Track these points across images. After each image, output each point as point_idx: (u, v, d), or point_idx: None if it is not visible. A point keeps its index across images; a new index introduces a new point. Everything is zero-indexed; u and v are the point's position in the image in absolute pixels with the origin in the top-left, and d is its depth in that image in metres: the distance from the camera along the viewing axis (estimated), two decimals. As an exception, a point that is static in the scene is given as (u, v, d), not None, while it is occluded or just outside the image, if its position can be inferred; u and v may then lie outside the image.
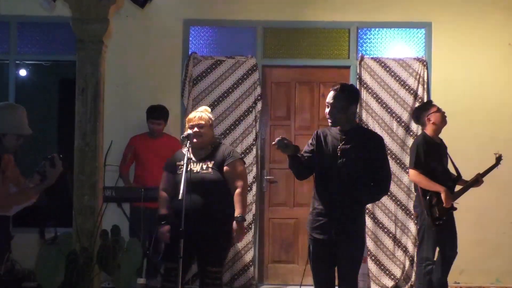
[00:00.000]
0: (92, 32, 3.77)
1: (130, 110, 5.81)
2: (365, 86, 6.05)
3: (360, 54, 6.13)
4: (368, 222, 5.88)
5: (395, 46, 6.26)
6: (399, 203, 6.00)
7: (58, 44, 6.33)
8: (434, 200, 4.80)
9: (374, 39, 6.26)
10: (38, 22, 6.28)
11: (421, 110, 5.15)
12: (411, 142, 5.84)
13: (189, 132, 4.24)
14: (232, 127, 6.07)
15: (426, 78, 6.05)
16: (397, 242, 5.99)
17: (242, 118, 6.07)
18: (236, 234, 4.18)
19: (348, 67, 6.21)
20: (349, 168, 3.77)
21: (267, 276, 6.19)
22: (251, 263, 6.00)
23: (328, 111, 3.85)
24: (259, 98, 6.07)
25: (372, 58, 6.12)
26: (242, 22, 6.23)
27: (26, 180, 3.75)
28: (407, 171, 5.77)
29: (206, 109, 4.44)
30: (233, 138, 6.03)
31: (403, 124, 6.03)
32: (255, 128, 6.06)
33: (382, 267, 5.99)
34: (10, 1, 6.22)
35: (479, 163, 5.16)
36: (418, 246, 5.07)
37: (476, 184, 5.05)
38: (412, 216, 5.79)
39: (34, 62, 6.97)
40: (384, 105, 6.05)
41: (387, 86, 6.06)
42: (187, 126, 4.32)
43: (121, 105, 5.97)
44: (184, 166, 4.01)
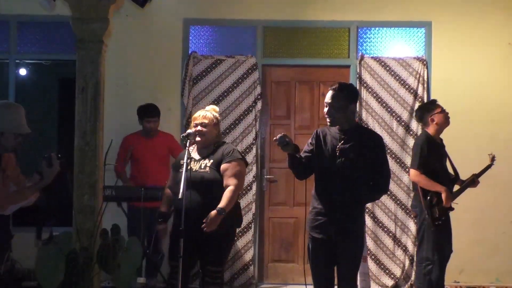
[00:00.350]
0: (92, 31, 3.77)
1: (130, 110, 5.80)
2: (365, 85, 6.05)
3: (360, 54, 6.13)
4: (368, 221, 5.88)
5: (395, 46, 6.26)
6: (399, 202, 6.00)
7: (58, 43, 6.33)
8: (435, 200, 4.80)
9: (374, 39, 6.26)
10: (38, 22, 6.28)
11: (425, 110, 5.08)
12: (411, 141, 5.85)
13: (189, 131, 4.25)
14: (232, 127, 6.07)
15: (426, 78, 6.04)
16: (397, 241, 6.00)
17: (242, 118, 6.07)
18: (210, 222, 3.99)
19: (348, 67, 6.20)
20: (348, 168, 3.77)
21: (267, 275, 6.20)
22: (251, 262, 6.00)
23: (326, 110, 3.85)
24: (259, 97, 6.07)
25: (372, 58, 6.12)
26: (242, 21, 6.23)
27: (26, 180, 3.76)
28: (407, 170, 5.77)
29: (214, 108, 4.43)
30: (233, 137, 6.03)
31: (403, 123, 6.03)
32: (255, 127, 6.06)
33: (382, 266, 5.99)
34: (10, 0, 6.22)
35: (479, 163, 5.17)
36: (418, 246, 5.07)
37: (472, 185, 5.05)
38: (412, 216, 5.80)
39: (34, 62, 6.99)
40: (384, 104, 6.05)
41: (387, 86, 6.06)
42: (191, 124, 4.33)
43: (121, 104, 5.96)
44: (184, 165, 4.02)
